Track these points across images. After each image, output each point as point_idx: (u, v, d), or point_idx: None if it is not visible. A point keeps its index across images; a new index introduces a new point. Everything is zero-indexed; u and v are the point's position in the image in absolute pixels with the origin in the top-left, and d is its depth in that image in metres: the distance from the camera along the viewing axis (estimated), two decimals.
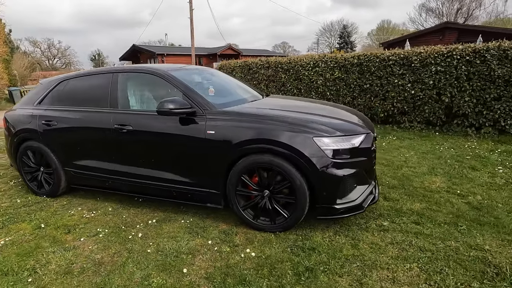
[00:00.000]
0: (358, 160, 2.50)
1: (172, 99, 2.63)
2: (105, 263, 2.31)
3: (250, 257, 2.28)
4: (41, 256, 2.41)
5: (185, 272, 2.15)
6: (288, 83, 8.06)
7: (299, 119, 2.53)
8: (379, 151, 4.77)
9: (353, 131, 2.57)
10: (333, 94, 7.25)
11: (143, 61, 22.79)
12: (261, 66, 8.63)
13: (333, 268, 2.11)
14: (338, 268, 2.10)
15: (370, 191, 2.66)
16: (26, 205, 3.37)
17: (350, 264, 2.14)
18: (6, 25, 21.89)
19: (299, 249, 2.35)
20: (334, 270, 2.09)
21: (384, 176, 3.73)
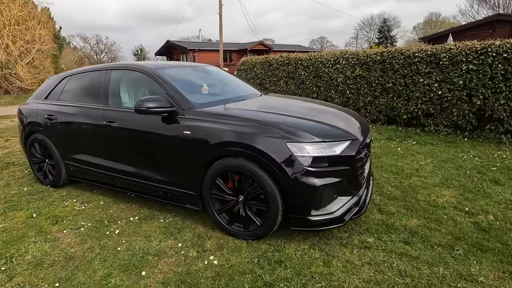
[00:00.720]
0: (339, 169, 2.28)
1: (150, 97, 2.60)
2: (75, 258, 2.36)
3: (212, 265, 2.18)
4: (22, 246, 2.53)
5: (144, 274, 2.12)
6: (308, 81, 7.76)
7: (275, 122, 2.36)
8: (392, 157, 4.40)
9: (335, 137, 2.34)
10: (353, 93, 6.84)
11: (176, 56, 23.53)
12: (281, 62, 8.40)
13: (294, 286, 1.94)
14: (298, 287, 1.93)
15: (354, 202, 2.42)
16: (30, 194, 3.59)
17: (314, 284, 1.96)
18: (56, 23, 23.86)
19: (266, 261, 2.21)
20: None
21: (387, 185, 3.41)
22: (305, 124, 2.41)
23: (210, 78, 3.53)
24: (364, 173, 2.58)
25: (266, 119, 2.41)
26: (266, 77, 8.99)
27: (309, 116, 2.63)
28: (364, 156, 2.52)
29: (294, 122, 2.42)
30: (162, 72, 2.93)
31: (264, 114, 2.58)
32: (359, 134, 2.53)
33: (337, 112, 3.01)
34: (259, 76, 9.23)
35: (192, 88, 3.12)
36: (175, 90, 2.75)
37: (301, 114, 2.64)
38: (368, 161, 2.82)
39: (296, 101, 3.52)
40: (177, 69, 3.28)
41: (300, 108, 3.07)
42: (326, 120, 2.55)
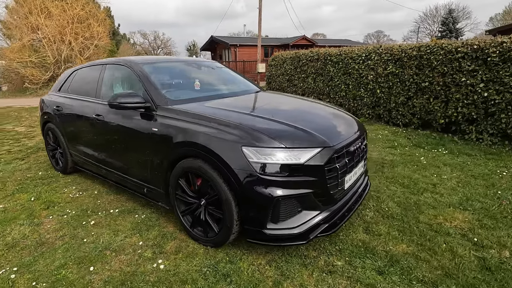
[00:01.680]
0: (303, 180, 2.01)
1: (124, 92, 2.59)
2: (45, 244, 2.46)
3: (158, 270, 2.10)
4: (9, 227, 2.73)
5: (92, 270, 2.11)
6: (336, 78, 7.26)
7: (236, 123, 2.15)
8: (410, 167, 3.86)
9: (302, 144, 2.06)
10: (384, 92, 6.20)
11: (219, 51, 23.99)
12: (310, 58, 7.99)
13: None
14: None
15: (323, 218, 2.13)
16: (41, 178, 3.90)
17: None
18: (115, 21, 26.05)
19: (214, 272, 2.05)
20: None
21: (389, 200, 2.98)
22: (270, 127, 2.16)
23: (202, 74, 3.43)
24: (344, 185, 2.26)
25: (229, 119, 2.22)
26: (295, 73, 8.65)
27: (285, 117, 2.37)
28: (343, 166, 2.20)
29: (259, 123, 2.20)
30: (146, 68, 2.91)
31: (231, 113, 2.39)
32: (339, 141, 2.21)
33: (324, 114, 2.70)
34: (288, 72, 8.92)
35: (174, 84, 3.05)
36: (152, 86, 2.70)
37: (276, 116, 2.39)
38: (357, 172, 2.47)
39: (287, 100, 3.24)
40: (165, 64, 3.25)
41: (282, 109, 2.81)
42: (300, 124, 2.27)
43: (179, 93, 2.90)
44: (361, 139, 2.52)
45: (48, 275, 2.09)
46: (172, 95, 2.77)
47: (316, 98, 8.03)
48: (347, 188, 2.34)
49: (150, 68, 2.94)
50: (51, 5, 15.30)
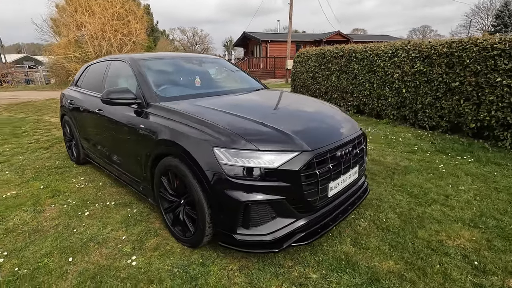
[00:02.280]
0: (276, 186, 1.89)
1: (116, 88, 2.63)
2: (39, 232, 2.60)
3: (130, 266, 2.11)
4: (14, 212, 2.93)
5: (70, 261, 2.19)
6: (360, 76, 6.87)
7: (212, 123, 2.09)
8: (424, 175, 3.54)
9: (277, 147, 1.94)
10: (410, 92, 5.74)
11: (251, 47, 23.96)
12: (335, 54, 7.65)
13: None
14: None
15: (300, 226, 2.00)
16: (57, 168, 4.16)
17: None
18: (154, 17, 27.14)
19: (184, 273, 2.02)
20: None
21: (389, 211, 2.73)
22: (246, 128, 2.07)
23: (203, 71, 3.39)
24: (328, 192, 2.10)
25: (207, 118, 2.16)
26: (319, 70, 8.35)
27: (269, 118, 2.25)
28: (325, 173, 2.04)
29: (236, 124, 2.11)
30: (142, 64, 2.94)
31: (214, 112, 2.32)
32: (321, 145, 2.05)
33: (314, 116, 2.54)
34: (312, 70, 8.64)
35: (171, 80, 3.05)
36: (145, 83, 2.72)
37: (260, 116, 2.27)
38: (347, 179, 2.29)
39: (282, 99, 3.08)
40: (165, 61, 3.26)
41: (271, 109, 2.67)
42: (282, 125, 2.14)
43: (173, 90, 2.89)
44: (353, 144, 2.32)
45: (32, 262, 2.20)
46: (166, 92, 2.78)
47: (339, 96, 7.69)
48: (333, 196, 2.17)
49: (147, 65, 2.97)
50: (94, 3, 16.33)
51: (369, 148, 4.64)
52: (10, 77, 21.80)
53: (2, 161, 4.46)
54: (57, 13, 18.82)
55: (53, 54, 17.70)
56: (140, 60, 3.00)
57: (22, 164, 4.31)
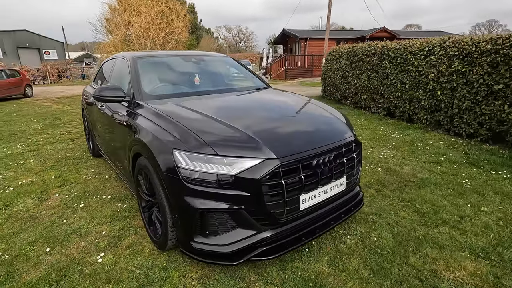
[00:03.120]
0: (234, 194, 1.75)
1: (107, 86, 2.67)
2: (35, 219, 2.77)
3: (96, 263, 2.13)
4: (22, 199, 3.16)
5: (47, 251, 2.28)
6: (392, 75, 6.31)
7: (179, 124, 2.01)
8: (442, 190, 3.11)
9: (240, 152, 1.79)
10: (446, 94, 5.12)
11: (290, 45, 23.50)
12: (366, 52, 7.14)
13: None
14: None
15: (263, 240, 1.85)
16: (75, 159, 4.44)
17: None
18: (198, 16, 28.00)
19: (143, 276, 1.98)
20: None
21: (386, 229, 2.42)
22: (211, 131, 1.95)
23: (201, 69, 3.33)
24: (300, 205, 1.90)
25: (178, 118, 2.09)
26: (349, 69, 7.87)
27: (243, 121, 2.12)
28: (296, 183, 1.85)
29: (204, 126, 2.00)
30: (139, 62, 2.96)
31: (187, 112, 2.23)
32: (292, 152, 1.86)
33: (296, 119, 2.33)
34: (343, 68, 8.18)
35: (164, 79, 3.03)
36: (136, 81, 2.74)
37: (235, 118, 2.14)
38: (328, 190, 2.06)
39: (272, 100, 2.87)
40: (162, 59, 3.26)
41: (252, 110, 2.50)
42: (253, 129, 1.98)
43: (165, 88, 2.87)
44: (338, 152, 2.08)
45: (17, 248, 2.33)
46: (156, 90, 2.77)
47: (369, 97, 7.16)
48: (307, 209, 1.97)
49: (145, 63, 2.99)
50: (140, 3, 17.32)
51: (388, 155, 4.23)
52: (69, 72, 24.17)
53: (33, 150, 4.90)
54: (110, 13, 20.32)
55: (104, 51, 19.16)
56: (138, 58, 3.03)
57: (47, 154, 4.68)
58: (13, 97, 12.92)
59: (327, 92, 9.39)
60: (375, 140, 4.98)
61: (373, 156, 4.22)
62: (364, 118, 6.68)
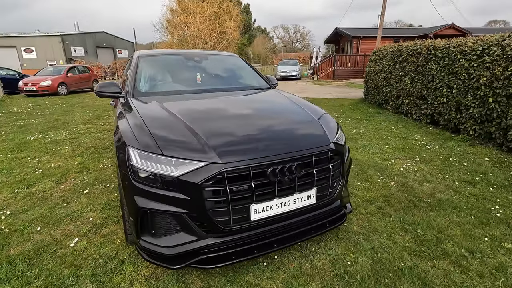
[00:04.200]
0: (175, 197, 1.71)
1: (105, 83, 2.84)
2: (45, 200, 3.07)
3: (68, 247, 2.28)
4: (44, 180, 3.55)
5: (38, 230, 2.51)
6: (438, 78, 5.57)
7: (141, 123, 2.02)
8: (464, 216, 2.64)
9: (184, 154, 1.73)
10: (500, 102, 4.33)
11: (342, 44, 22.34)
12: (411, 52, 6.43)
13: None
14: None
15: (205, 247, 1.77)
16: (103, 148, 4.85)
17: None
18: (252, 16, 28.40)
19: (102, 266, 2.06)
20: None
21: (366, 254, 2.13)
22: (164, 130, 1.93)
23: (200, 68, 3.32)
24: (250, 215, 1.78)
25: (146, 116, 2.11)
26: (392, 70, 7.20)
27: (206, 123, 2.05)
28: (244, 191, 1.73)
29: (162, 125, 1.99)
30: (141, 60, 3.10)
31: (156, 110, 2.24)
32: (242, 158, 1.74)
33: (263, 124, 2.15)
34: (386, 69, 7.51)
35: (161, 76, 3.10)
36: (132, 77, 2.87)
37: (201, 120, 2.09)
38: (291, 202, 1.89)
39: (260, 102, 2.73)
40: (165, 58, 3.35)
41: (228, 111, 2.38)
42: (209, 131, 1.91)
43: (157, 86, 2.94)
44: (306, 161, 1.89)
45: (18, 224, 2.62)
46: (148, 88, 2.86)
47: (411, 102, 6.44)
48: (261, 220, 1.83)
49: (145, 61, 3.12)
50: (195, 5, 18.25)
51: (411, 169, 3.74)
52: None
53: (73, 138, 5.49)
54: (171, 15, 21.82)
55: None
56: (142, 57, 3.16)
57: (82, 142, 5.20)
58: (82, 90, 14.73)
59: (368, 94, 8.73)
60: (403, 151, 4.45)
61: (393, 168, 3.77)
62: (402, 125, 6.03)
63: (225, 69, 3.47)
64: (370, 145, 4.77)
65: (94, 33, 33.02)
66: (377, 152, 4.41)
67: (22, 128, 6.32)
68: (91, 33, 32.73)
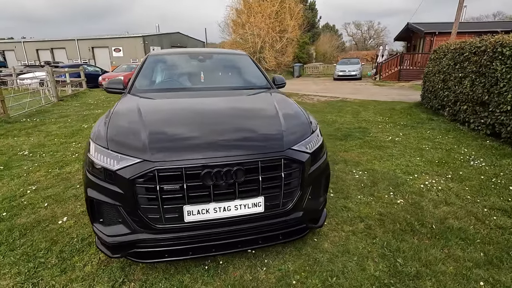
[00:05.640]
0: (113, 190, 1.79)
1: (112, 80, 3.11)
2: (66, 180, 3.53)
3: (57, 224, 2.57)
4: (75, 164, 4.07)
5: (45, 206, 2.89)
6: (503, 81, 4.62)
7: (114, 116, 2.17)
8: (463, 247, 2.18)
9: (124, 150, 1.80)
10: None
11: (414, 41, 19.94)
12: (475, 49, 5.46)
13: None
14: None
15: (137, 242, 1.82)
16: None
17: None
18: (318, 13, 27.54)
19: (71, 244, 2.28)
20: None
21: (317, 276, 1.91)
22: (122, 127, 2.02)
23: (202, 67, 3.36)
24: (184, 216, 1.77)
25: (118, 110, 2.27)
26: (452, 71, 6.24)
27: (165, 122, 2.11)
28: (176, 191, 1.73)
29: (126, 120, 2.11)
30: (148, 58, 3.31)
31: (130, 106, 2.35)
32: (176, 158, 1.74)
33: (218, 126, 2.06)
34: (444, 70, 6.56)
35: (160, 75, 3.24)
36: (135, 75, 3.08)
37: (161, 118, 2.16)
38: (231, 208, 1.82)
39: (243, 101, 2.63)
40: (170, 57, 3.49)
41: (197, 111, 2.33)
42: (162, 130, 1.96)
43: (153, 83, 3.09)
44: (244, 167, 1.77)
45: (35, 199, 3.05)
46: (145, 85, 3.03)
47: (470, 109, 5.47)
48: (197, 223, 1.80)
49: (151, 59, 3.31)
50: (256, 4, 18.54)
51: (435, 187, 3.20)
52: None
53: None
54: (236, 15, 22.61)
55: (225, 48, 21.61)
56: (151, 56, 3.37)
57: None
58: None
59: (425, 98, 7.71)
60: (437, 165, 3.83)
61: (412, 184, 3.28)
62: (453, 136, 5.18)
63: (227, 69, 3.47)
64: (399, 155, 4.22)
65: (170, 34, 36.27)
66: (403, 164, 3.89)
67: (84, 117, 7.34)
68: (168, 33, 36.01)
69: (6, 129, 5.98)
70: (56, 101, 9.64)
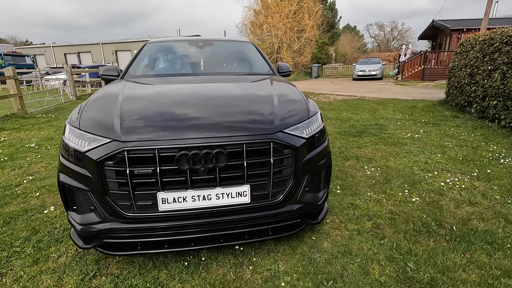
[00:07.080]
0: (83, 174, 1.63)
1: (107, 66, 3.00)
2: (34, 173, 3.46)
3: (43, 214, 2.46)
4: None
5: (37, 195, 2.81)
6: None
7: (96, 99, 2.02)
8: (486, 252, 1.85)
9: (95, 130, 1.64)
10: None
11: (439, 39, 18.88)
12: (507, 39, 4.96)
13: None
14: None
15: (107, 231, 1.65)
16: None
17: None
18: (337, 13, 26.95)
19: (51, 234, 2.15)
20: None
21: (310, 278, 1.65)
22: (99, 109, 1.88)
23: (202, 53, 3.19)
24: (158, 204, 1.58)
25: (102, 94, 2.13)
26: (480, 64, 5.73)
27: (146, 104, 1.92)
28: (148, 176, 1.55)
29: (101, 104, 1.96)
30: (148, 45, 3.19)
31: (115, 90, 2.19)
32: (144, 138, 1.55)
33: (201, 107, 1.85)
34: (472, 64, 6.05)
35: (156, 61, 3.09)
36: (130, 61, 2.96)
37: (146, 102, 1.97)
38: (206, 196, 1.62)
39: (241, 86, 2.39)
40: (169, 44, 3.34)
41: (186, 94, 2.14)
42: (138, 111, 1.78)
43: (147, 69, 2.94)
44: (226, 150, 1.56)
45: (30, 188, 2.98)
46: (139, 71, 2.89)
47: (500, 104, 4.96)
48: (172, 212, 1.60)
49: (150, 47, 3.19)
50: (274, 4, 18.34)
51: (458, 185, 2.84)
52: None
53: None
54: (254, 16, 22.55)
55: None
56: (149, 43, 3.24)
57: None
58: None
59: (450, 95, 7.17)
60: (461, 163, 3.43)
61: (431, 182, 2.92)
62: (481, 133, 4.70)
63: (228, 56, 3.27)
64: (418, 152, 3.85)
65: (191, 37, 36.89)
66: (421, 161, 3.52)
67: None
68: (186, 36, 36.67)
69: (21, 123, 6.11)
70: (74, 100, 9.88)
